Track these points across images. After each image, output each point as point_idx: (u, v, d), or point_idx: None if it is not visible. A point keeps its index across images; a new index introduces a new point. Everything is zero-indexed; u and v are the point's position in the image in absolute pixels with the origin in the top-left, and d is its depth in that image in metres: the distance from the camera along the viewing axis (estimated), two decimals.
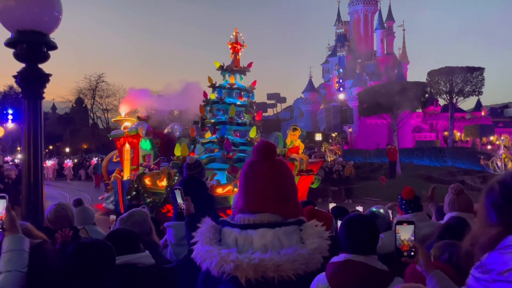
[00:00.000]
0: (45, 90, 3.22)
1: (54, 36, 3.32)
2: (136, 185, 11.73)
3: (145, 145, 12.77)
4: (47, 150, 50.43)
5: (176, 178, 10.81)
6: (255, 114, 12.64)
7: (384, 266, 2.25)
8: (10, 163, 23.72)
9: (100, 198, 15.73)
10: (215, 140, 11.70)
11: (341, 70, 47.54)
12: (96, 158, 29.59)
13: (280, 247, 1.63)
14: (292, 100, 64.88)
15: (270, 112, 77.45)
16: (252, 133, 11.72)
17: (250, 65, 12.69)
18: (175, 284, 2.63)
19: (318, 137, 32.43)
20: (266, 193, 1.77)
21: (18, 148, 38.65)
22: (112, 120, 23.26)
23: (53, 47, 3.26)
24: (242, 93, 12.53)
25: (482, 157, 20.25)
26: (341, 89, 45.76)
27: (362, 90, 34.82)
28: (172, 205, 10.16)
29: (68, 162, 32.13)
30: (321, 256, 1.66)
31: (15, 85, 45.87)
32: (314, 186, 13.77)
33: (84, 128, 61.78)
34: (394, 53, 47.46)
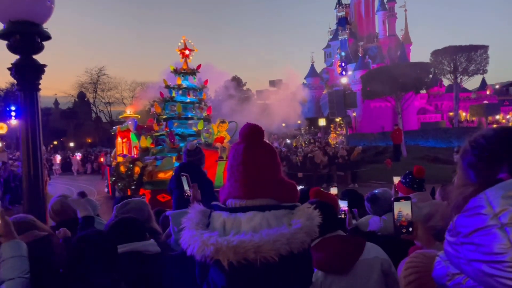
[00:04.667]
0: (41, 82, 3.17)
1: (49, 27, 3.26)
2: (115, 172, 14.31)
3: (134, 138, 14.83)
4: (51, 146, 50.71)
5: (130, 165, 13.08)
6: (206, 109, 14.77)
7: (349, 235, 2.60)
8: (14, 159, 23.84)
9: None
10: (165, 133, 13.75)
11: (343, 53, 47.16)
12: (105, 151, 30.22)
13: (270, 229, 1.58)
14: (295, 86, 64.55)
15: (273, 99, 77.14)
16: (200, 126, 13.75)
17: (199, 67, 14.80)
18: (181, 272, 2.60)
19: (322, 122, 32.26)
20: (263, 179, 1.72)
21: None
22: (119, 117, 24.27)
23: (47, 37, 3.20)
24: (191, 91, 14.58)
25: None
26: (344, 73, 45.45)
27: (365, 73, 34.58)
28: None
29: (77, 156, 32.50)
30: (307, 235, 1.60)
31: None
32: None
33: (87, 122, 61.99)
34: (397, 35, 46.96)
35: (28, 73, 3.09)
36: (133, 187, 12.44)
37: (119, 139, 16.40)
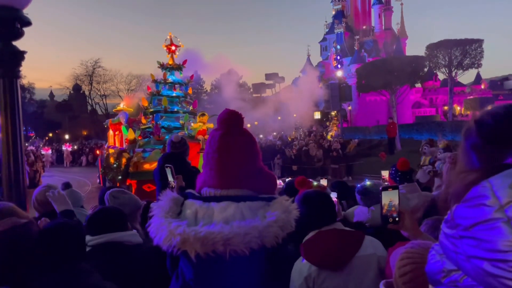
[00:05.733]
0: (21, 69, 3.10)
1: (44, 18, 3.21)
2: (105, 163, 14.91)
3: (125, 131, 15.55)
4: (46, 138, 50.42)
5: (118, 157, 13.78)
6: (192, 102, 15.79)
7: (349, 228, 2.44)
8: None
9: None
10: (151, 126, 14.50)
11: (338, 47, 47.03)
12: (101, 143, 30.27)
13: (242, 221, 1.50)
14: (291, 79, 64.34)
15: (268, 92, 76.91)
16: (185, 119, 14.56)
17: (184, 62, 15.52)
18: (163, 263, 2.56)
19: (317, 115, 32.24)
20: (238, 169, 1.64)
21: None
22: (113, 110, 24.82)
23: (27, 23, 3.11)
24: (176, 86, 15.32)
25: None
26: (339, 66, 45.35)
27: (360, 66, 34.51)
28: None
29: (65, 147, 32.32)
30: (281, 229, 1.51)
31: None
32: None
33: (83, 114, 61.68)
34: (392, 28, 46.87)
35: (7, 59, 3.00)
36: (119, 177, 13.14)
37: (110, 132, 17.08)
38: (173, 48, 15.29)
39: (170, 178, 3.09)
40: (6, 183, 2.98)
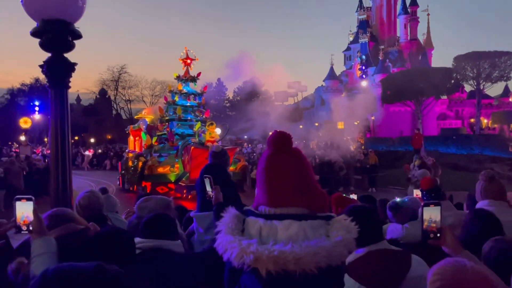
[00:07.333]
0: (70, 80, 3.25)
1: (78, 25, 3.34)
2: (124, 166, 16.75)
3: (144, 137, 16.78)
4: (72, 141, 51.64)
5: (135, 160, 15.07)
6: (205, 111, 17.00)
7: (397, 247, 2.36)
8: (38, 153, 24.35)
9: None
10: (166, 132, 15.80)
11: (363, 57, 46.77)
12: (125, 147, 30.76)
13: (305, 240, 1.57)
14: (313, 88, 64.17)
15: (290, 101, 76.85)
16: (197, 127, 15.65)
17: (199, 74, 16.79)
18: (201, 272, 2.62)
19: (340, 125, 32.02)
20: (286, 188, 1.69)
21: (45, 139, 39.84)
22: (135, 117, 25.80)
23: (78, 36, 3.26)
24: (191, 96, 16.52)
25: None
26: (364, 76, 45.04)
27: (385, 77, 34.24)
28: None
29: (86, 152, 32.89)
30: (346, 249, 1.58)
31: (41, 77, 47.69)
32: (232, 167, 17.36)
33: (108, 118, 62.93)
34: (418, 39, 46.31)
35: (59, 71, 3.15)
36: (136, 179, 14.44)
37: (131, 137, 18.47)
38: (188, 61, 16.66)
39: (208, 188, 3.14)
40: (54, 188, 3.11)
